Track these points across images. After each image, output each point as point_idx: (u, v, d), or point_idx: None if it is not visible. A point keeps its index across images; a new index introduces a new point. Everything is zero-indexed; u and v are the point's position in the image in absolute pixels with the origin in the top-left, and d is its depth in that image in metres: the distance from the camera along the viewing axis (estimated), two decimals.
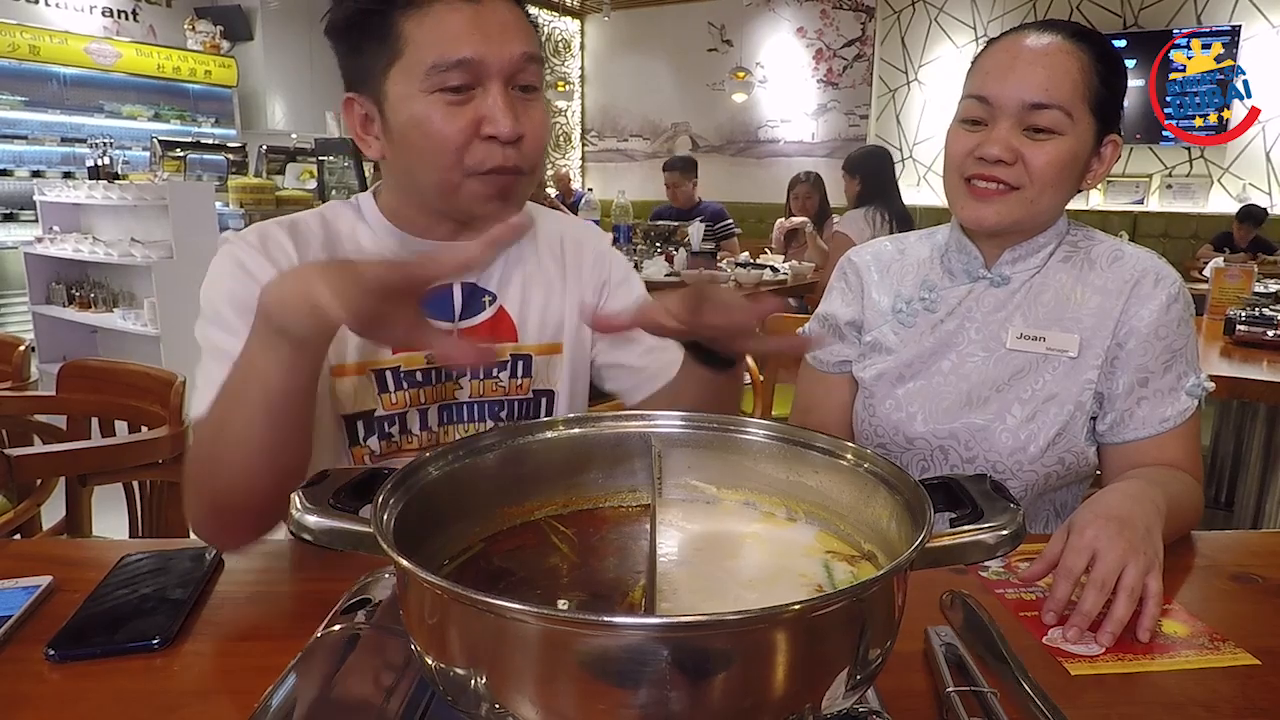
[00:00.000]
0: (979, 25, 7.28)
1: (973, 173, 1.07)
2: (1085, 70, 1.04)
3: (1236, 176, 6.57)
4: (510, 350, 1.06)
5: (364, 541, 0.51)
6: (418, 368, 1.01)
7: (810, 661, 0.44)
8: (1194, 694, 0.67)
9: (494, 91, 0.90)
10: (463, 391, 1.05)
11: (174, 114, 6.73)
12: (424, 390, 1.02)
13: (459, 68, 0.88)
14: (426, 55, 0.88)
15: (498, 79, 0.90)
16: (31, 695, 0.65)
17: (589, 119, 9.68)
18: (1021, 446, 1.10)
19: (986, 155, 1.04)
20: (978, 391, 1.13)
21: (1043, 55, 1.04)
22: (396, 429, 1.02)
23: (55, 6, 6.17)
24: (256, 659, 0.70)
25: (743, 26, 8.45)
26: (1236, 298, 2.68)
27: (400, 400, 1.01)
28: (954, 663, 0.68)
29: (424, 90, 0.88)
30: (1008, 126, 1.04)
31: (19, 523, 1.64)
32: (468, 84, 0.89)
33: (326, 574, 0.85)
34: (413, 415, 1.02)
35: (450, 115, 0.89)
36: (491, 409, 1.06)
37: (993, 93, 1.05)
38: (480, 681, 0.44)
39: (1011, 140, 1.04)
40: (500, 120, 0.89)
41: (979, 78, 1.08)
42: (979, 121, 1.07)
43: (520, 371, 1.07)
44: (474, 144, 0.90)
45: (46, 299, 4.67)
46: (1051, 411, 1.10)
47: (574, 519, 0.68)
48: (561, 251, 1.12)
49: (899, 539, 0.56)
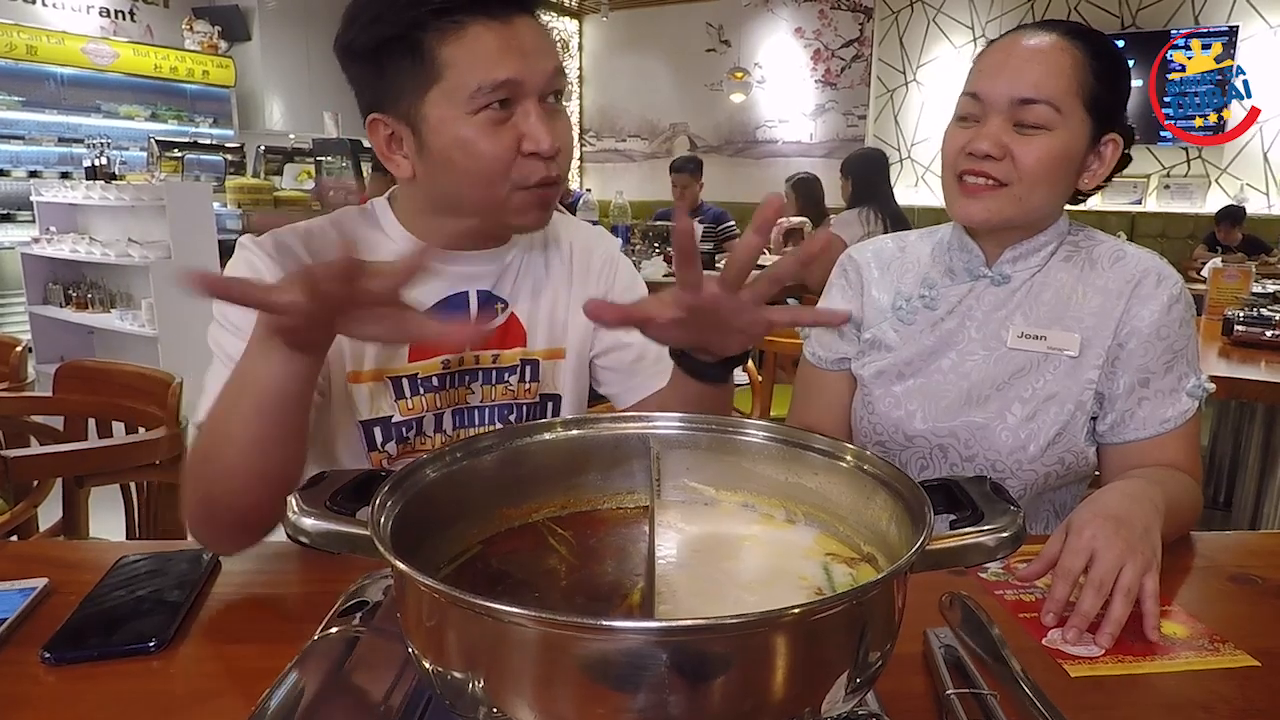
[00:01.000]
0: (977, 26, 7.28)
1: (964, 169, 1.08)
2: (1079, 67, 1.04)
3: (1234, 177, 6.58)
4: (520, 355, 1.08)
5: (361, 544, 0.51)
6: (434, 374, 1.03)
7: (810, 665, 0.44)
8: (1193, 695, 0.67)
9: (531, 109, 0.92)
10: (474, 396, 1.07)
11: (171, 114, 6.71)
12: (439, 395, 1.04)
13: (502, 88, 0.90)
14: (469, 79, 0.89)
15: (533, 95, 0.92)
16: (27, 698, 0.65)
17: (587, 119, 9.68)
18: (1021, 445, 1.10)
19: (975, 150, 1.05)
20: (978, 390, 1.13)
21: (1036, 52, 1.05)
22: (413, 433, 1.04)
23: (52, 6, 6.16)
24: (253, 662, 0.70)
25: (741, 27, 8.45)
26: (1234, 298, 2.68)
27: (416, 405, 1.03)
28: (953, 665, 0.68)
29: (469, 112, 0.90)
30: (998, 123, 1.05)
31: (15, 524, 1.64)
32: (507, 100, 0.91)
33: (324, 576, 0.84)
34: (428, 420, 1.05)
35: (494, 136, 0.91)
36: (501, 412, 1.09)
37: (983, 89, 1.06)
38: (478, 685, 0.44)
39: (1001, 136, 1.04)
40: (541, 138, 0.92)
41: (973, 76, 1.09)
42: (972, 118, 1.08)
43: (529, 376, 1.09)
44: (518, 160, 0.93)
45: (43, 299, 4.67)
46: (1052, 411, 1.10)
47: (572, 521, 0.68)
48: (570, 257, 1.14)
49: (899, 541, 0.56)
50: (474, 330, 0.85)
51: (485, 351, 1.07)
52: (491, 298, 1.07)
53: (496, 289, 1.08)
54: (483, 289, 1.06)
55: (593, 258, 1.15)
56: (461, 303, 1.05)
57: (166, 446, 1.52)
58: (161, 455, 1.53)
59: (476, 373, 1.07)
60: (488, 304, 1.07)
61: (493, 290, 1.07)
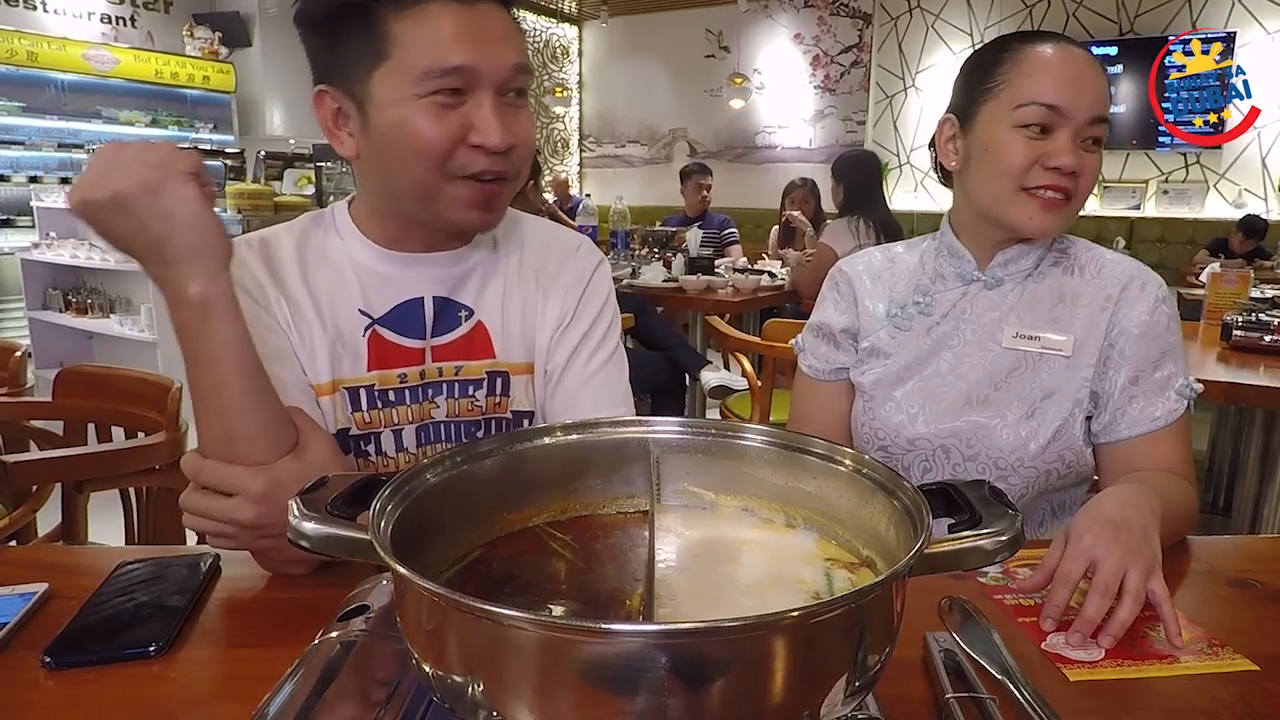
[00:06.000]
0: (975, 31, 7.30)
1: (1042, 182, 1.07)
2: (1109, 90, 1.10)
3: (1232, 182, 6.59)
4: (486, 367, 1.02)
5: (362, 548, 0.51)
6: (390, 387, 0.99)
7: (809, 668, 0.44)
8: (1193, 700, 0.67)
9: (485, 101, 0.87)
10: (439, 410, 1.01)
11: (172, 120, 6.71)
12: (397, 410, 0.99)
13: (454, 74, 0.85)
14: (418, 60, 0.85)
15: (489, 87, 0.88)
16: (27, 702, 0.65)
17: (587, 125, 9.69)
18: (1023, 444, 1.11)
19: (1063, 165, 1.05)
20: (976, 390, 1.14)
21: (1097, 71, 1.08)
22: (372, 448, 1.00)
23: (53, 12, 6.17)
24: (253, 666, 0.70)
25: (740, 33, 8.47)
26: (1233, 303, 2.68)
27: (374, 419, 0.99)
28: (953, 669, 0.68)
29: (416, 95, 0.85)
30: (1070, 136, 1.06)
31: (14, 529, 1.64)
32: (460, 89, 0.87)
33: (323, 581, 0.84)
34: (387, 436, 1.00)
35: (438, 119, 0.86)
36: (468, 428, 1.03)
37: (1066, 103, 1.05)
38: (477, 688, 0.44)
39: (1076, 150, 1.06)
40: (491, 131, 0.87)
41: (1044, 86, 1.05)
42: (1046, 129, 1.06)
43: (499, 390, 1.03)
44: (459, 149, 0.88)
45: (43, 304, 4.67)
46: (1050, 409, 1.11)
47: (572, 525, 0.68)
48: (544, 265, 1.07)
49: (897, 545, 0.56)
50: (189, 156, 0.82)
51: (448, 363, 1.01)
52: (451, 304, 1.01)
53: (456, 294, 1.01)
54: (439, 294, 1.00)
55: (566, 269, 1.08)
56: (416, 309, 0.99)
57: (166, 451, 1.52)
58: (161, 460, 1.53)
59: (440, 385, 1.01)
60: (446, 312, 1.01)
61: (451, 296, 1.01)
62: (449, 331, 1.01)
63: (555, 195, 7.45)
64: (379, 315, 0.99)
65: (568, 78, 9.47)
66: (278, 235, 1.00)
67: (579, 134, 9.74)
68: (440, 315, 1.00)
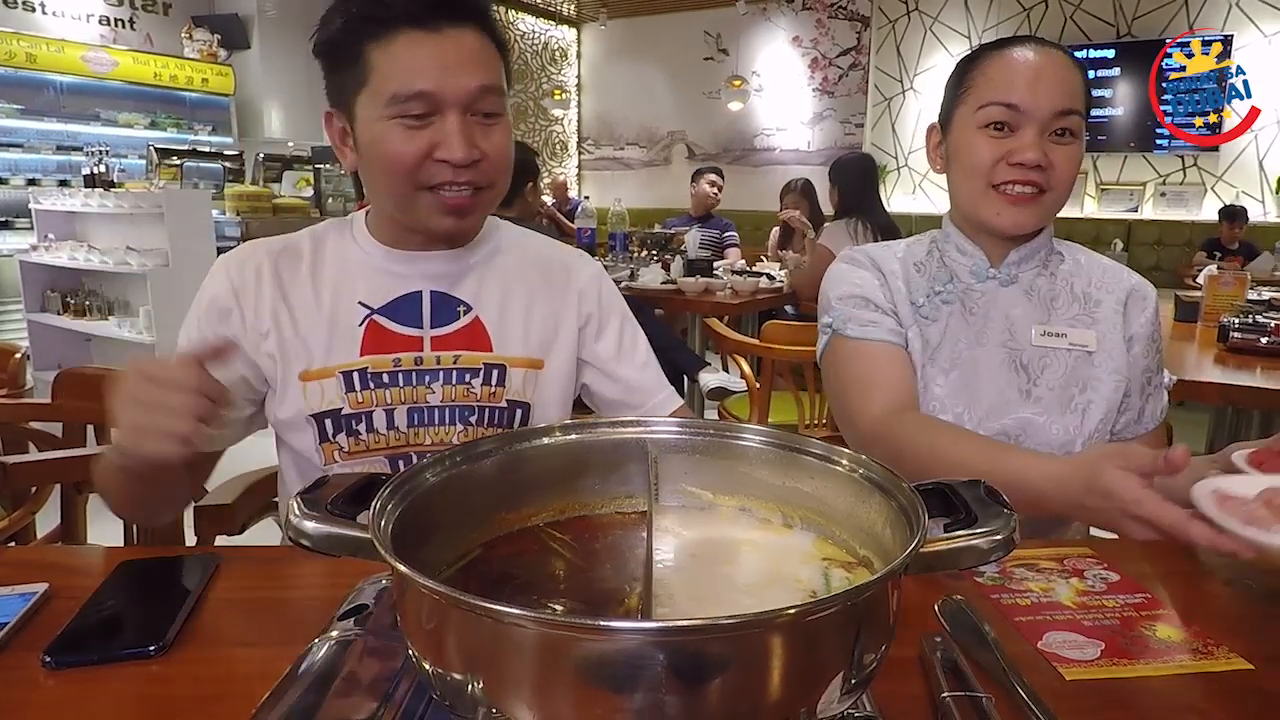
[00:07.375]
0: (974, 34, 7.32)
1: (1006, 178, 1.10)
2: (1083, 80, 1.12)
3: (1229, 184, 6.60)
4: (484, 359, 1.09)
5: (362, 547, 0.52)
6: (384, 370, 1.06)
7: (806, 666, 0.44)
8: (1188, 699, 0.68)
9: (451, 119, 0.96)
10: (434, 395, 1.07)
11: (170, 122, 6.72)
12: (390, 391, 1.06)
13: (417, 99, 0.95)
14: (388, 85, 0.95)
15: (454, 108, 0.96)
16: (28, 702, 0.65)
17: (585, 127, 9.70)
18: (1071, 439, 1.14)
19: (1025, 160, 1.08)
20: (1016, 387, 1.16)
21: (1062, 65, 1.10)
22: (363, 427, 1.05)
23: (52, 14, 6.18)
24: (253, 665, 0.70)
25: (739, 35, 8.48)
26: (1230, 305, 2.69)
27: (366, 399, 1.05)
28: (949, 668, 0.68)
29: (385, 116, 0.96)
30: (1035, 132, 1.08)
31: (14, 530, 1.64)
32: (427, 113, 0.96)
33: (323, 580, 0.85)
34: (379, 415, 1.06)
35: (406, 138, 0.96)
36: (462, 413, 1.08)
37: (1024, 100, 1.08)
38: (477, 686, 0.44)
39: (1042, 145, 1.09)
40: (454, 147, 0.96)
41: (1001, 86, 1.10)
42: (1007, 128, 1.10)
43: (495, 380, 1.09)
44: (426, 163, 0.97)
45: (41, 307, 4.67)
46: (1092, 401, 1.15)
47: (571, 525, 0.68)
48: (550, 271, 1.16)
49: (894, 544, 0.56)
50: None
51: (446, 353, 1.08)
52: (449, 299, 1.09)
53: (454, 290, 1.09)
54: (437, 289, 1.08)
55: (576, 277, 1.17)
56: (415, 302, 1.08)
57: None
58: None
59: (437, 373, 1.07)
60: (444, 306, 1.08)
61: (448, 292, 1.09)
62: (448, 324, 1.09)
63: (554, 198, 7.46)
64: (378, 306, 1.07)
65: (566, 80, 9.48)
66: (301, 238, 1.12)
67: (577, 136, 9.75)
68: (438, 308, 1.08)
